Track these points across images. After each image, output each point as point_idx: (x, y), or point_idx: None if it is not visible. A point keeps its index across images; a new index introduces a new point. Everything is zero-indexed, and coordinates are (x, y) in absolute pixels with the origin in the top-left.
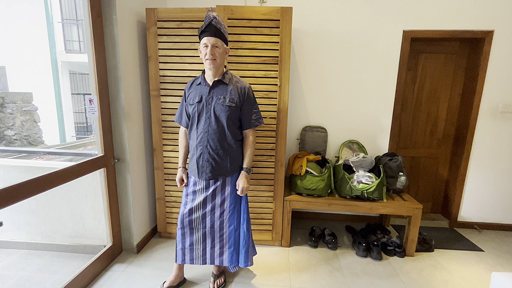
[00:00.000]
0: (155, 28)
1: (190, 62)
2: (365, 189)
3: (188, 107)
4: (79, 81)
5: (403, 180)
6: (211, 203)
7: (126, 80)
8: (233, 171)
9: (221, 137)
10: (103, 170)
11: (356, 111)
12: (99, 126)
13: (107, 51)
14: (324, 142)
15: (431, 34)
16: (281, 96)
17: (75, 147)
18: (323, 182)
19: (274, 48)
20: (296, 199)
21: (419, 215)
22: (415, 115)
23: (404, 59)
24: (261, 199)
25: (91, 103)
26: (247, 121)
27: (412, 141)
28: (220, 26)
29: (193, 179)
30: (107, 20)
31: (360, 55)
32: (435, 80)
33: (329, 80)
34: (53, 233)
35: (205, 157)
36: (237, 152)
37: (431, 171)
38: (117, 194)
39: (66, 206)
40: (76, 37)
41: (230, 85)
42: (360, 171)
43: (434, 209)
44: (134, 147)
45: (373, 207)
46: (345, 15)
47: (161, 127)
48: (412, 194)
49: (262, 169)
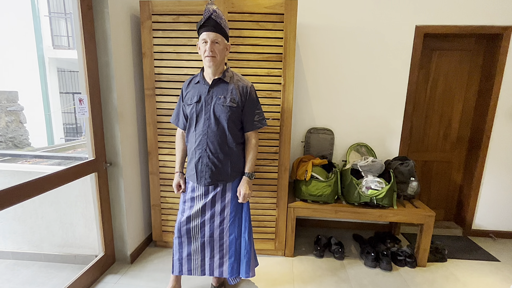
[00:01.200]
0: (150, 22)
1: (188, 59)
2: (374, 195)
3: (186, 107)
4: (68, 79)
5: (414, 186)
6: (211, 211)
7: (118, 78)
8: (234, 176)
9: (221, 139)
10: (94, 174)
11: (365, 112)
12: (90, 128)
13: (98, 47)
14: (330, 145)
15: (445, 29)
16: (285, 95)
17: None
18: (330, 188)
19: (278, 44)
20: (300, 206)
21: (431, 223)
22: (427, 117)
23: (416, 56)
24: (264, 206)
25: (81, 103)
26: (249, 122)
27: (424, 144)
28: (220, 20)
29: (191, 185)
30: (98, 13)
31: (369, 51)
32: (449, 79)
33: (336, 79)
34: (41, 242)
35: (204, 161)
36: (239, 156)
37: (444, 176)
38: (109, 200)
39: (55, 213)
40: (64, 32)
41: (231, 84)
42: (369, 176)
43: (447, 216)
44: (127, 150)
45: (382, 215)
46: (354, 10)
47: (156, 129)
48: (424, 200)
49: (265, 174)
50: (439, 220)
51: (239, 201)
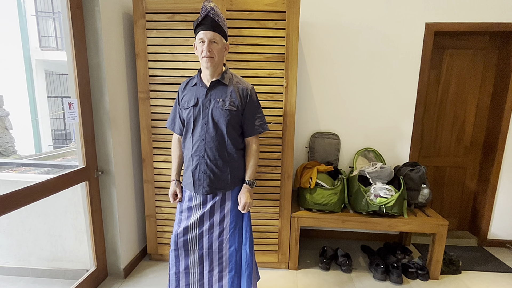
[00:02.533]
0: (143, 21)
1: (184, 60)
2: (383, 203)
3: (182, 111)
4: (56, 82)
5: (426, 193)
6: (209, 221)
7: (110, 81)
8: (234, 185)
9: (220, 145)
10: (85, 183)
11: (373, 115)
12: (80, 134)
13: (89, 48)
14: (336, 151)
15: (457, 27)
16: (288, 98)
17: (53, 158)
18: (336, 196)
19: (280, 43)
20: (305, 216)
21: (444, 232)
22: (439, 120)
23: (426, 55)
24: (266, 216)
25: (71, 107)
26: (249, 127)
27: (436, 149)
28: (218, 18)
29: (188, 194)
30: (88, 12)
31: (377, 51)
32: (461, 80)
33: (342, 80)
34: (28, 256)
35: (202, 168)
36: (239, 162)
37: (457, 182)
38: (101, 211)
39: (43, 225)
40: (52, 32)
41: (230, 86)
42: (377, 183)
43: (461, 225)
44: (120, 157)
45: (392, 224)
46: (360, 6)
47: (151, 135)
48: (436, 209)
49: (267, 181)
50: (453, 229)
51: (239, 210)
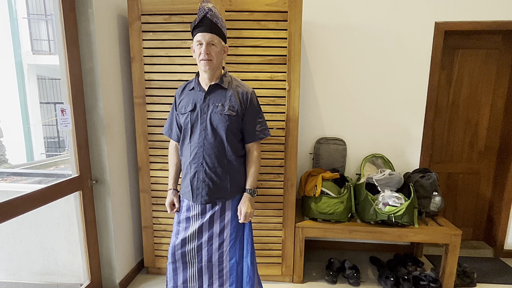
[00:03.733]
0: (139, 23)
1: (181, 63)
2: (393, 212)
3: (180, 117)
4: (49, 87)
5: (438, 201)
6: (208, 232)
7: (105, 85)
8: (234, 193)
9: (219, 152)
10: (79, 193)
11: (381, 119)
12: (73, 141)
13: (82, 51)
14: (342, 157)
15: (468, 26)
16: (291, 102)
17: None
18: (342, 205)
19: (282, 45)
20: (310, 226)
21: (457, 243)
22: (451, 123)
23: (436, 56)
24: (268, 226)
25: (64, 113)
26: (250, 133)
27: (448, 154)
28: (216, 19)
29: (186, 204)
30: (81, 14)
31: (384, 52)
32: (474, 81)
33: (348, 83)
34: (19, 270)
35: (201, 176)
36: (239, 170)
37: (471, 189)
38: (95, 222)
39: (35, 237)
40: (45, 35)
41: (230, 90)
42: (386, 191)
43: (475, 235)
44: (115, 166)
45: (402, 234)
46: (366, 6)
47: (147, 142)
48: (449, 217)
49: (269, 190)
50: (467, 239)
51: (240, 221)
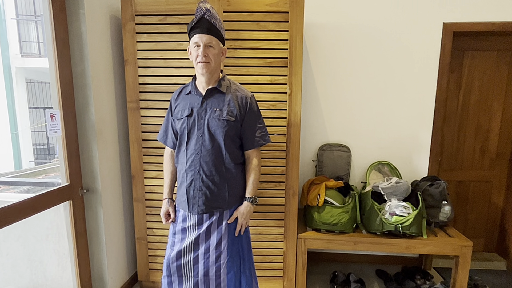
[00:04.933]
0: (133, 24)
1: (177, 66)
2: (400, 222)
3: (175, 122)
4: (38, 91)
5: (447, 211)
6: (205, 244)
7: (97, 89)
8: (233, 203)
9: (217, 159)
10: (69, 203)
11: (387, 124)
12: (63, 148)
13: (73, 53)
14: (347, 164)
15: (478, 27)
16: (292, 107)
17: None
18: (347, 215)
19: (283, 47)
20: (312, 237)
21: (468, 254)
22: (461, 129)
23: (445, 58)
24: (269, 238)
25: (53, 119)
26: (249, 139)
27: (458, 162)
28: (214, 20)
29: (182, 214)
30: (72, 15)
31: (390, 54)
32: (485, 84)
33: (353, 87)
34: (6, 284)
35: (197, 185)
36: (238, 178)
37: (483, 198)
38: (86, 233)
39: (22, 249)
40: (34, 37)
41: (228, 94)
42: (393, 200)
43: (487, 247)
44: (107, 174)
45: (410, 246)
46: (371, 6)
47: (141, 148)
48: (459, 228)
49: (270, 199)
50: (478, 251)
51: (236, 230)
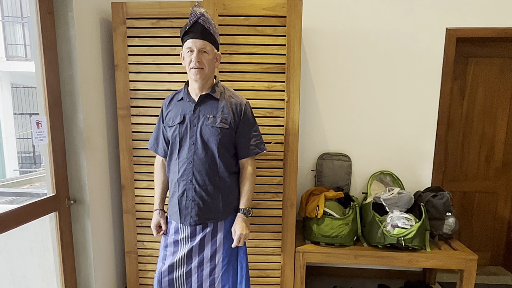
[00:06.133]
0: (124, 28)
1: (170, 71)
2: (402, 235)
3: (167, 129)
4: (23, 97)
5: (451, 223)
6: (198, 257)
7: (85, 95)
8: (227, 214)
9: (210, 168)
10: (55, 214)
11: (389, 133)
12: (50, 157)
13: (61, 58)
14: (347, 174)
15: (482, 32)
16: (290, 114)
17: (19, 185)
18: (347, 227)
19: (280, 52)
20: (311, 250)
21: (474, 268)
22: (465, 138)
23: (448, 65)
24: (265, 251)
25: (39, 126)
26: (244, 147)
27: (463, 172)
28: (209, 25)
29: (175, 225)
30: (60, 18)
31: (392, 61)
32: (489, 92)
33: (353, 93)
34: None
35: (190, 195)
36: (232, 188)
37: (488, 210)
38: (73, 246)
39: (5, 263)
40: (20, 39)
41: (222, 101)
42: (395, 212)
43: (493, 260)
44: (96, 184)
45: (413, 259)
46: (372, 10)
47: (132, 157)
48: (464, 241)
49: (266, 210)
50: (484, 265)
51: (234, 245)
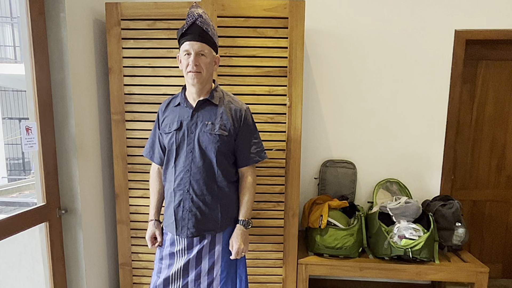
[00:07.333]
0: (119, 29)
1: (167, 75)
2: (410, 246)
3: (163, 136)
4: (12, 100)
5: (461, 234)
6: (196, 270)
7: (78, 99)
8: (226, 225)
9: (208, 177)
10: (45, 225)
11: (396, 139)
12: (40, 164)
13: (52, 60)
14: (352, 182)
15: (492, 34)
16: (292, 120)
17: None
18: (352, 238)
19: (282, 55)
20: (314, 262)
21: (484, 281)
22: (475, 144)
23: (457, 68)
24: (266, 263)
25: (29, 132)
26: (244, 155)
27: (473, 180)
28: (207, 27)
29: (170, 237)
30: (52, 18)
31: (399, 63)
32: (500, 96)
33: (358, 98)
34: None
35: (187, 205)
36: (231, 198)
37: (500, 220)
38: (64, 259)
39: None
40: (10, 41)
41: (221, 107)
42: (402, 222)
43: (506, 272)
44: (88, 193)
45: (421, 272)
46: (378, 12)
47: (126, 165)
48: (474, 252)
49: (267, 221)
50: (496, 277)
51: (232, 257)
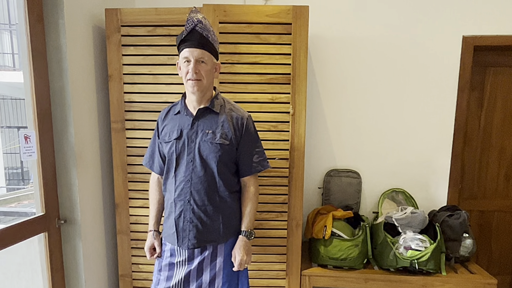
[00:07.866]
0: (119, 36)
1: (167, 82)
2: (416, 257)
3: (163, 145)
4: (11, 109)
5: (469, 245)
6: (196, 282)
7: (77, 108)
8: (228, 236)
9: (209, 187)
10: (44, 235)
11: (401, 148)
12: (38, 174)
13: (51, 68)
14: (356, 192)
15: (502, 40)
16: (296, 128)
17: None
18: (357, 249)
19: (285, 62)
20: (318, 274)
21: None
22: (483, 153)
23: (465, 75)
24: (269, 274)
25: (27, 141)
26: (246, 165)
27: (481, 189)
28: (207, 33)
29: (170, 248)
30: (51, 25)
31: (405, 70)
32: (509, 103)
33: (363, 105)
34: None
35: (188, 216)
36: (233, 208)
37: (508, 230)
38: (63, 270)
39: None
40: (8, 48)
41: (222, 115)
42: (408, 233)
43: None
44: (88, 203)
45: (427, 284)
46: (384, 18)
47: (126, 174)
48: (482, 264)
49: (270, 231)
50: None
51: (235, 269)
